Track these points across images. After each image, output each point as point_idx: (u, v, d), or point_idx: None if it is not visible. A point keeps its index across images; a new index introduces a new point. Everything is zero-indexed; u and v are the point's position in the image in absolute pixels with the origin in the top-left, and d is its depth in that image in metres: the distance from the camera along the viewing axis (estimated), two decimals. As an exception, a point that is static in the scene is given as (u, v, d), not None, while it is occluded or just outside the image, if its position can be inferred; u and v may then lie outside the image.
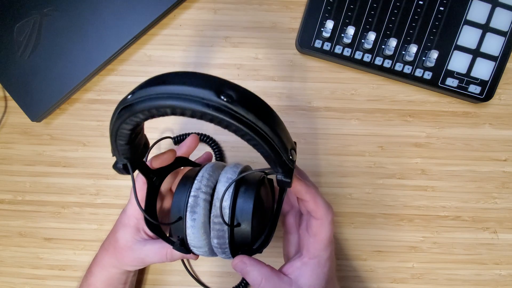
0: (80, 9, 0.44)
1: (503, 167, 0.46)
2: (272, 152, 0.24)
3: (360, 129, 0.46)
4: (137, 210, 0.35)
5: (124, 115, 0.24)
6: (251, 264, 0.30)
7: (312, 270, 0.31)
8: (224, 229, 0.29)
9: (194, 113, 0.22)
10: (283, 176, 0.26)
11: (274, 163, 0.25)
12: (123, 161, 0.29)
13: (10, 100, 0.46)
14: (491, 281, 0.45)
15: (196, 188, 0.30)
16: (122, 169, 0.29)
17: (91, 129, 0.46)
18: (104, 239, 0.39)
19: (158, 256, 0.34)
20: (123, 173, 0.29)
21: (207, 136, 0.45)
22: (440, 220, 0.46)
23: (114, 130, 0.25)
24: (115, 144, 0.27)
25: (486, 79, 0.44)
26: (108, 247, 0.38)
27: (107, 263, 0.37)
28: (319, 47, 0.44)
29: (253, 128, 0.23)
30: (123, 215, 0.36)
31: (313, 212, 0.30)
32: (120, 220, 0.37)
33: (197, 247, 0.30)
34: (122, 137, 0.26)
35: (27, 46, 0.44)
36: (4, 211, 0.46)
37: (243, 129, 0.22)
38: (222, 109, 0.21)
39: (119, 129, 0.25)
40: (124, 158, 0.28)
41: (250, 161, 0.46)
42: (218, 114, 0.21)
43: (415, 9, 0.43)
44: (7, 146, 0.47)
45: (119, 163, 0.29)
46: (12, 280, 0.46)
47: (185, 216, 0.30)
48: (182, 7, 0.46)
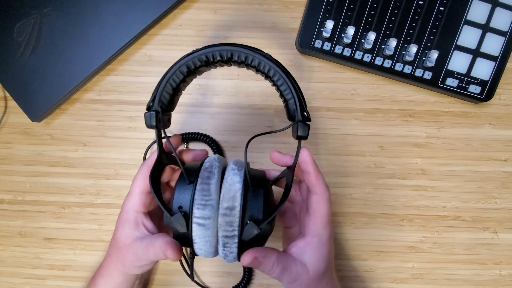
0: (80, 9, 0.44)
1: (503, 167, 0.46)
2: (298, 99, 0.31)
3: (360, 129, 0.46)
4: (136, 204, 0.33)
5: (186, 58, 0.31)
6: (262, 256, 0.30)
7: (314, 248, 0.32)
8: (236, 219, 0.29)
9: (247, 58, 0.30)
10: (304, 124, 0.31)
11: (296, 111, 0.31)
12: (158, 109, 0.31)
13: (10, 100, 0.46)
14: (491, 281, 0.45)
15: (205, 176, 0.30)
16: (154, 115, 0.31)
17: (91, 129, 0.46)
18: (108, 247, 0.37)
19: (160, 249, 0.31)
20: (152, 122, 0.31)
21: (207, 136, 0.45)
22: (440, 220, 0.46)
23: (170, 72, 0.31)
24: (163, 88, 0.31)
25: (486, 79, 0.44)
26: (111, 251, 0.36)
27: (112, 271, 0.35)
28: (319, 47, 0.44)
29: (288, 75, 0.31)
30: (122, 211, 0.35)
31: (313, 187, 0.32)
32: (119, 218, 0.35)
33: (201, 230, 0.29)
34: (173, 82, 0.31)
35: (27, 46, 0.44)
36: (4, 211, 0.46)
37: (281, 74, 0.30)
38: (267, 56, 0.30)
39: (176, 71, 0.31)
40: (159, 108, 0.31)
41: (251, 161, 0.46)
42: (265, 59, 0.30)
43: (415, 9, 0.43)
44: (7, 146, 0.47)
45: (154, 109, 0.31)
46: (12, 280, 0.46)
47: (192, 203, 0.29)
48: (182, 7, 0.46)
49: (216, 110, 0.46)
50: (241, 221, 0.29)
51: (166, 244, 0.30)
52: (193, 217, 0.29)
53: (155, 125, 0.31)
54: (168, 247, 0.29)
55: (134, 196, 0.33)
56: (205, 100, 0.46)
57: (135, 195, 0.33)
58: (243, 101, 0.46)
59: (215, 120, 0.46)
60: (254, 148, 0.45)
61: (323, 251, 0.32)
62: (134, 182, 0.34)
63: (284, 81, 0.31)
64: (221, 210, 0.29)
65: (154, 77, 0.46)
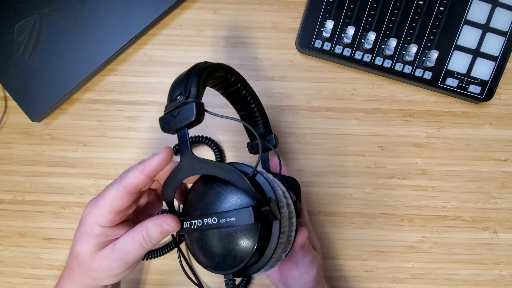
0: (80, 9, 0.44)
1: (503, 167, 0.46)
2: (265, 118, 0.38)
3: (360, 129, 0.46)
4: (102, 220, 0.28)
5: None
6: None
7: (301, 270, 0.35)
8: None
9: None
10: (272, 138, 0.38)
11: (267, 128, 0.38)
12: (198, 100, 0.27)
13: (10, 100, 0.46)
14: (491, 281, 0.45)
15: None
16: (199, 103, 0.27)
17: (91, 129, 0.46)
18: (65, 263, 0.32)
19: (137, 243, 0.28)
20: (196, 114, 0.26)
21: (206, 137, 0.45)
22: (440, 220, 0.46)
23: (212, 68, 0.30)
24: (202, 80, 0.28)
25: (486, 79, 0.44)
26: (73, 265, 0.30)
27: (76, 284, 0.30)
28: (319, 47, 0.44)
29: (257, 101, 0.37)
30: (83, 223, 0.29)
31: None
32: (79, 229, 0.29)
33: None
34: (211, 78, 0.30)
35: (27, 46, 0.44)
36: (4, 211, 0.46)
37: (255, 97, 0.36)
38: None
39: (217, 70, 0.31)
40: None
41: (252, 161, 0.46)
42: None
43: (415, 9, 0.43)
44: (7, 146, 0.47)
45: (196, 99, 0.27)
46: (12, 280, 0.46)
47: None
48: (182, 7, 0.46)
49: (216, 110, 0.46)
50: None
51: (162, 217, 0.27)
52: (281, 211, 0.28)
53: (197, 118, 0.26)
54: (166, 217, 0.27)
55: (103, 213, 0.28)
56: (205, 100, 0.46)
57: (105, 213, 0.28)
58: (243, 101, 0.46)
59: (215, 120, 0.46)
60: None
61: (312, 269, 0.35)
62: (105, 197, 0.28)
63: (257, 103, 0.36)
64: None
65: (154, 77, 0.46)
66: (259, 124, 0.38)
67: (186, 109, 0.26)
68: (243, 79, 0.34)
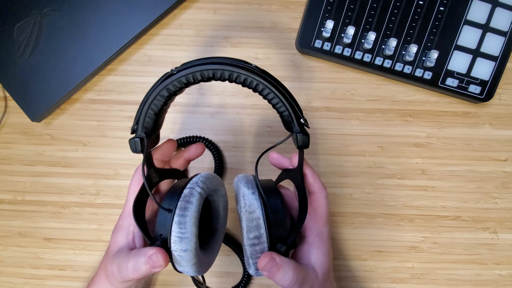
0: (80, 9, 0.44)
1: (503, 167, 0.46)
2: (292, 110, 0.30)
3: (360, 129, 0.46)
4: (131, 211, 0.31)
5: (167, 80, 0.29)
6: (282, 262, 0.28)
7: (318, 247, 0.33)
8: (260, 222, 0.29)
9: (231, 75, 0.29)
10: (302, 133, 0.30)
11: (293, 122, 0.30)
12: (142, 135, 0.30)
13: (10, 100, 0.46)
14: (491, 281, 0.45)
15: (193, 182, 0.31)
16: (138, 142, 0.30)
17: (91, 129, 0.46)
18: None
19: (137, 266, 0.29)
20: (137, 148, 0.30)
21: (205, 139, 0.45)
22: (440, 220, 0.46)
23: (151, 98, 0.29)
24: (145, 113, 0.30)
25: (486, 79, 0.44)
26: (103, 259, 0.34)
27: (102, 280, 0.33)
28: (319, 47, 0.44)
29: (278, 88, 0.29)
30: (119, 217, 0.34)
31: (311, 186, 0.33)
32: (116, 223, 0.34)
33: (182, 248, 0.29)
34: (155, 107, 0.29)
35: (27, 46, 0.44)
36: (4, 211, 0.46)
37: (270, 88, 0.29)
38: (253, 71, 0.29)
39: (157, 96, 0.29)
40: (143, 133, 0.30)
41: (252, 161, 0.46)
42: (250, 74, 0.28)
43: (415, 9, 0.43)
44: (7, 146, 0.47)
45: (139, 135, 0.30)
46: (12, 280, 0.46)
47: (174, 211, 0.29)
48: (182, 7, 0.46)
49: (216, 110, 0.46)
50: (269, 244, 0.29)
51: (153, 250, 0.29)
52: (172, 250, 0.29)
53: (141, 151, 0.30)
54: (156, 250, 0.28)
55: (129, 203, 0.33)
56: (205, 100, 0.46)
57: (130, 201, 0.32)
58: (243, 101, 0.46)
59: (215, 120, 0.46)
60: (253, 148, 0.46)
61: (326, 249, 0.33)
62: (129, 188, 0.34)
63: (274, 94, 0.29)
64: (248, 241, 0.29)
65: (154, 77, 0.46)
66: (281, 116, 0.32)
67: (135, 142, 0.30)
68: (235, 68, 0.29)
